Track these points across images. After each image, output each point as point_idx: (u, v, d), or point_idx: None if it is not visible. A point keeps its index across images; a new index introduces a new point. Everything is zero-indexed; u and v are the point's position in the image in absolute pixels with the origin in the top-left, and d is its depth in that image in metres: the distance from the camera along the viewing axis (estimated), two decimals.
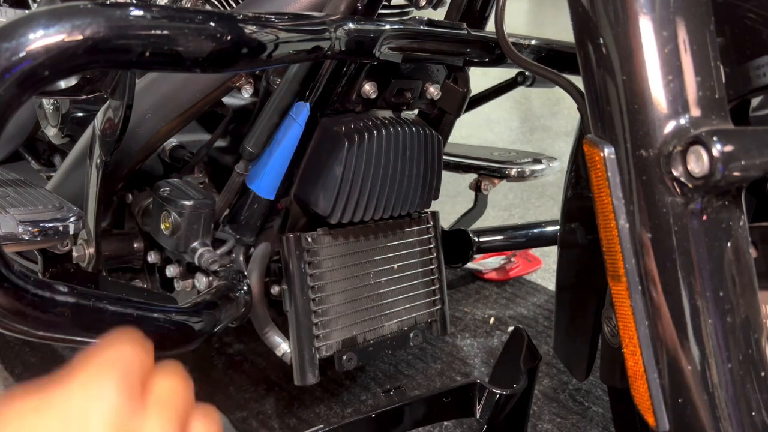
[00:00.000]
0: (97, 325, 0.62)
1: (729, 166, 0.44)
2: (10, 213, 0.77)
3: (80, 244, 0.86)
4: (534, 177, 1.33)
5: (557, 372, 1.29)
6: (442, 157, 0.95)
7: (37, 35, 0.48)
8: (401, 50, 0.76)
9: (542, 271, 1.70)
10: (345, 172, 0.83)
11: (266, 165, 0.83)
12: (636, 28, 0.49)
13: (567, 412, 1.18)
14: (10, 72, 0.47)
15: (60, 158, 1.24)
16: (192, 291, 0.91)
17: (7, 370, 1.24)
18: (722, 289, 0.49)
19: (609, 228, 0.52)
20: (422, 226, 0.97)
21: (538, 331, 1.44)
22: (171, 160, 0.98)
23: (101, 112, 0.80)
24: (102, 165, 0.81)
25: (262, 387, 1.22)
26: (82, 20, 0.49)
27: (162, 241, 0.84)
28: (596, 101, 0.52)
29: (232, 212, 0.88)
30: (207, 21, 0.56)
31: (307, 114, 0.81)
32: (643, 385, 0.52)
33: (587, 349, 0.83)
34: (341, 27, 0.69)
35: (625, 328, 0.52)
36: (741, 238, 0.49)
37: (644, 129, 0.49)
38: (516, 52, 0.74)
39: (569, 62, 0.92)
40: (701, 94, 0.48)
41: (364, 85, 0.84)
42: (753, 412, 0.50)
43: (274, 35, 0.61)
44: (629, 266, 0.51)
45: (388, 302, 0.93)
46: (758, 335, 0.50)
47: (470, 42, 0.84)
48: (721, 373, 0.49)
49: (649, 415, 0.52)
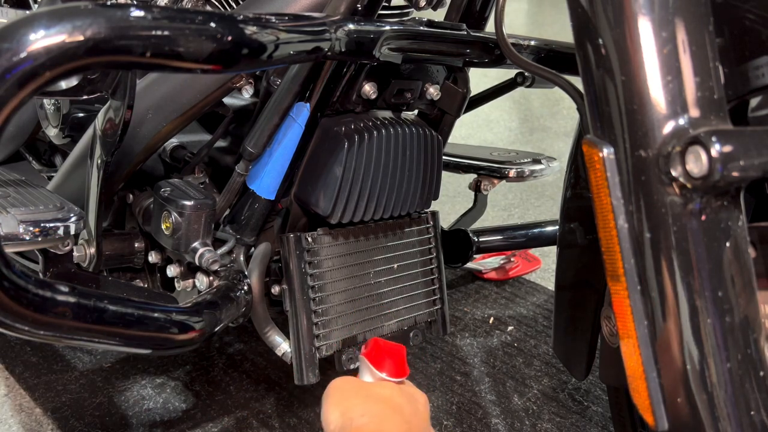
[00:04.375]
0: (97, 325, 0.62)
1: (728, 167, 0.45)
2: (11, 213, 0.77)
3: (81, 244, 0.86)
4: (533, 177, 1.33)
5: (557, 371, 1.30)
6: (442, 157, 0.95)
7: (38, 36, 0.48)
8: (401, 51, 0.77)
9: (542, 271, 1.70)
10: (345, 172, 0.83)
11: (266, 165, 0.84)
12: (635, 28, 0.49)
13: (566, 412, 1.19)
14: (11, 72, 0.47)
15: (61, 158, 1.24)
16: (193, 291, 0.91)
17: (7, 370, 1.24)
18: (721, 289, 0.49)
19: (608, 228, 0.52)
20: (422, 226, 0.98)
21: (537, 330, 1.44)
22: (172, 160, 0.98)
23: (102, 113, 0.80)
24: (103, 165, 0.81)
25: (262, 386, 1.23)
26: (83, 21, 0.49)
27: (163, 241, 0.84)
28: (595, 102, 0.52)
29: (232, 212, 0.88)
30: (207, 22, 0.56)
31: (307, 114, 0.81)
32: (642, 384, 0.52)
33: (586, 349, 0.84)
34: (341, 28, 0.69)
35: (624, 327, 0.52)
36: (740, 238, 0.50)
37: (643, 129, 0.49)
38: (515, 53, 0.74)
39: (568, 63, 0.93)
40: (700, 94, 0.48)
41: (364, 86, 0.84)
42: (752, 412, 0.50)
43: (274, 36, 0.61)
44: (628, 266, 0.51)
45: (388, 302, 0.93)
46: (757, 335, 0.51)
47: (470, 43, 0.84)
48: (719, 372, 0.49)
49: (648, 415, 0.52)
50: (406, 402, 0.66)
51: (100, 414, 1.14)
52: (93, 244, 0.85)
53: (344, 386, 0.67)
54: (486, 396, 1.22)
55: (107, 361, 1.28)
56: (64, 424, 1.12)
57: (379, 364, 0.74)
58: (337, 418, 0.60)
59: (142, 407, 1.16)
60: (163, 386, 1.22)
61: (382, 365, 0.74)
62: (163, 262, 0.95)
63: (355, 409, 0.60)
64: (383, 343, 0.76)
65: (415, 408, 0.67)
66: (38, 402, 1.17)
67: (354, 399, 0.63)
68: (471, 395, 1.22)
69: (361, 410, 0.60)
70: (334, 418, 0.60)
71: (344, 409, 0.61)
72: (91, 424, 1.12)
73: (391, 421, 0.58)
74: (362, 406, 0.61)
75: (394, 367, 0.74)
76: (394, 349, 0.75)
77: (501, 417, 1.17)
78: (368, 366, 0.75)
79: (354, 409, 0.60)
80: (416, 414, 0.66)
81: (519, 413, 1.18)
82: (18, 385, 1.21)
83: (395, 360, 0.74)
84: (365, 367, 0.76)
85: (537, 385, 1.26)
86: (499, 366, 1.31)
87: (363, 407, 0.60)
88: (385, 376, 0.73)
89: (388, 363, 0.74)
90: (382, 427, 0.56)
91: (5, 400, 1.17)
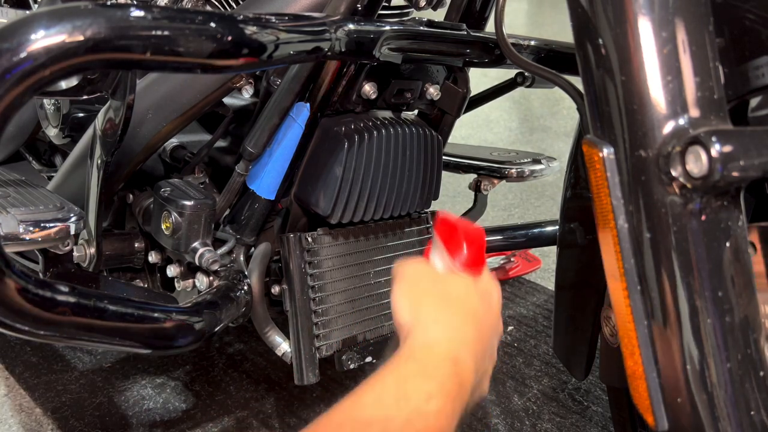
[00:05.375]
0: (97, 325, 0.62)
1: (728, 167, 0.45)
2: (11, 213, 0.77)
3: (81, 244, 0.86)
4: (533, 177, 1.33)
5: (557, 371, 1.30)
6: (442, 157, 0.95)
7: (38, 36, 0.48)
8: (401, 51, 0.77)
9: (542, 271, 1.70)
10: (345, 172, 0.83)
11: (267, 165, 0.84)
12: (635, 28, 0.49)
13: (566, 412, 1.19)
14: (11, 72, 0.47)
15: (61, 158, 1.24)
16: (193, 291, 0.91)
17: (7, 370, 1.24)
18: (721, 289, 0.49)
19: (608, 228, 0.52)
20: (422, 226, 0.98)
21: (537, 330, 1.44)
22: (172, 160, 0.98)
23: (102, 113, 0.80)
24: (103, 165, 0.81)
25: (262, 386, 1.22)
26: (82, 21, 0.49)
27: (163, 241, 0.84)
28: (595, 101, 0.52)
29: (232, 212, 0.88)
30: (207, 22, 0.56)
31: (307, 114, 0.81)
32: (642, 384, 0.52)
33: (586, 349, 0.84)
34: (341, 28, 0.69)
35: (624, 327, 0.52)
36: (740, 238, 0.50)
37: (643, 129, 0.49)
38: (515, 53, 0.74)
39: (568, 63, 0.93)
40: (700, 94, 0.48)
41: (364, 86, 0.84)
42: (752, 412, 0.50)
43: (274, 36, 0.61)
44: (628, 266, 0.51)
45: (388, 302, 0.93)
46: (757, 335, 0.51)
47: (470, 43, 0.84)
48: (719, 372, 0.49)
49: (648, 415, 0.52)
50: (480, 302, 0.61)
51: (100, 414, 1.14)
52: (93, 244, 0.85)
53: (417, 275, 0.62)
54: (486, 396, 1.22)
55: (107, 361, 1.28)
56: (64, 424, 1.11)
57: (455, 251, 0.63)
58: (407, 312, 0.57)
59: (142, 407, 1.16)
60: (163, 386, 1.22)
61: (457, 252, 0.62)
62: (163, 262, 0.95)
63: (428, 311, 0.57)
64: (462, 223, 0.64)
65: (489, 305, 0.62)
66: (38, 402, 1.17)
67: (426, 297, 0.59)
68: None
69: (434, 315, 0.56)
70: (405, 311, 0.58)
71: (415, 305, 0.58)
72: (91, 424, 1.12)
73: (463, 333, 0.56)
74: (435, 309, 0.57)
75: (472, 258, 0.62)
76: (473, 234, 0.63)
77: (501, 417, 1.17)
78: (441, 250, 0.64)
79: (425, 310, 0.57)
80: (489, 312, 0.61)
81: (519, 413, 1.18)
82: (18, 385, 1.21)
83: (473, 249, 0.62)
84: (438, 249, 0.64)
85: (537, 385, 1.26)
86: (499, 366, 1.31)
87: (435, 312, 0.57)
88: (459, 267, 0.62)
89: (465, 252, 0.62)
90: (453, 345, 0.54)
91: (5, 400, 1.17)
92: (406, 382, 0.49)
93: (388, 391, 0.49)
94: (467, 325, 0.57)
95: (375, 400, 0.48)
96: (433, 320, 0.56)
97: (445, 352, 0.53)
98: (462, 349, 0.54)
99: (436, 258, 0.65)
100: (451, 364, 0.52)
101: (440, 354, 0.52)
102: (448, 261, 0.63)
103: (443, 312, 0.57)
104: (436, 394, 0.49)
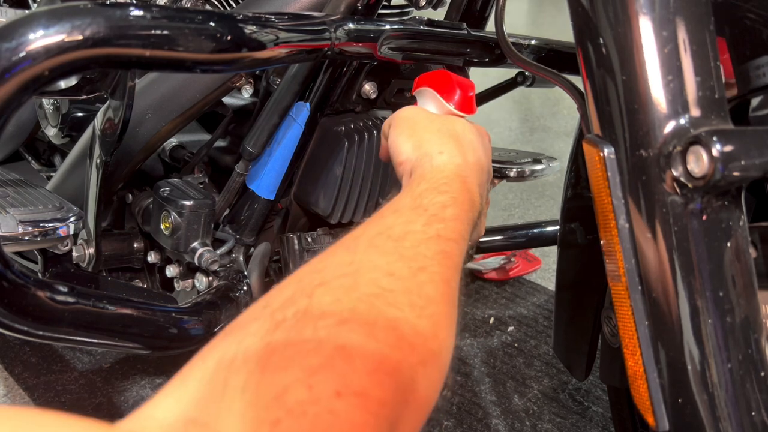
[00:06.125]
0: (97, 325, 0.62)
1: (729, 166, 0.44)
2: (10, 213, 0.77)
3: (80, 244, 0.86)
4: (534, 177, 1.33)
5: (557, 372, 1.30)
6: None
7: (37, 35, 0.48)
8: (401, 50, 0.76)
9: (542, 271, 1.70)
10: (345, 172, 0.83)
11: (266, 165, 0.83)
12: (636, 28, 0.49)
13: (567, 412, 1.18)
14: (10, 72, 0.47)
15: (60, 158, 1.24)
16: (192, 291, 0.91)
17: (6, 370, 1.24)
18: (722, 289, 0.49)
19: (609, 228, 0.52)
20: None
21: (538, 330, 1.44)
22: (171, 160, 0.98)
23: (101, 112, 0.80)
24: (102, 165, 0.81)
25: None
26: (82, 20, 0.49)
27: (162, 241, 0.84)
28: (596, 101, 0.52)
29: (232, 212, 0.88)
30: (207, 21, 0.56)
31: (307, 114, 0.81)
32: (642, 384, 0.52)
33: (587, 349, 0.83)
34: (341, 27, 0.69)
35: (625, 328, 0.52)
36: (741, 237, 0.49)
37: (644, 129, 0.49)
38: (516, 52, 0.74)
39: (569, 62, 0.92)
40: (701, 94, 0.48)
41: (364, 85, 0.84)
42: (752, 412, 0.50)
43: (274, 35, 0.61)
44: (629, 266, 0.51)
45: None
46: (758, 335, 0.50)
47: (470, 42, 0.84)
48: (720, 372, 0.49)
49: (648, 415, 0.52)
50: (477, 138, 0.63)
51: (99, 414, 1.14)
52: (92, 244, 0.85)
53: (414, 117, 0.63)
54: (486, 396, 1.22)
55: (107, 362, 1.28)
56: None
57: (449, 96, 0.67)
58: (410, 150, 0.58)
59: None
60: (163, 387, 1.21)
61: (451, 97, 0.67)
62: (162, 262, 0.94)
63: (431, 144, 0.58)
64: (453, 74, 0.68)
65: (484, 143, 0.64)
66: (38, 402, 1.17)
67: (426, 133, 0.60)
68: (471, 396, 1.22)
69: (438, 147, 0.57)
70: (406, 149, 0.58)
71: (417, 142, 0.59)
72: None
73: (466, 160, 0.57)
74: (438, 142, 0.58)
75: (464, 100, 0.67)
76: (463, 82, 0.68)
77: (501, 417, 1.17)
78: (435, 96, 0.67)
79: (429, 144, 0.58)
80: (486, 151, 0.64)
81: (519, 414, 1.18)
82: (17, 385, 1.21)
83: (465, 92, 0.67)
84: (429, 98, 0.68)
85: (537, 385, 1.26)
86: (500, 366, 1.31)
87: (439, 144, 0.58)
88: (453, 108, 0.66)
89: (458, 95, 0.67)
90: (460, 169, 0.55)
91: (5, 400, 1.17)
92: (422, 197, 0.51)
93: (406, 205, 0.50)
94: (469, 154, 0.59)
95: (393, 212, 0.50)
96: (437, 151, 0.57)
97: (454, 171, 0.55)
98: (468, 172, 0.56)
99: (428, 105, 0.68)
100: (460, 181, 0.54)
101: (450, 173, 0.55)
102: (442, 105, 0.67)
103: (446, 144, 0.58)
104: (451, 203, 0.51)
